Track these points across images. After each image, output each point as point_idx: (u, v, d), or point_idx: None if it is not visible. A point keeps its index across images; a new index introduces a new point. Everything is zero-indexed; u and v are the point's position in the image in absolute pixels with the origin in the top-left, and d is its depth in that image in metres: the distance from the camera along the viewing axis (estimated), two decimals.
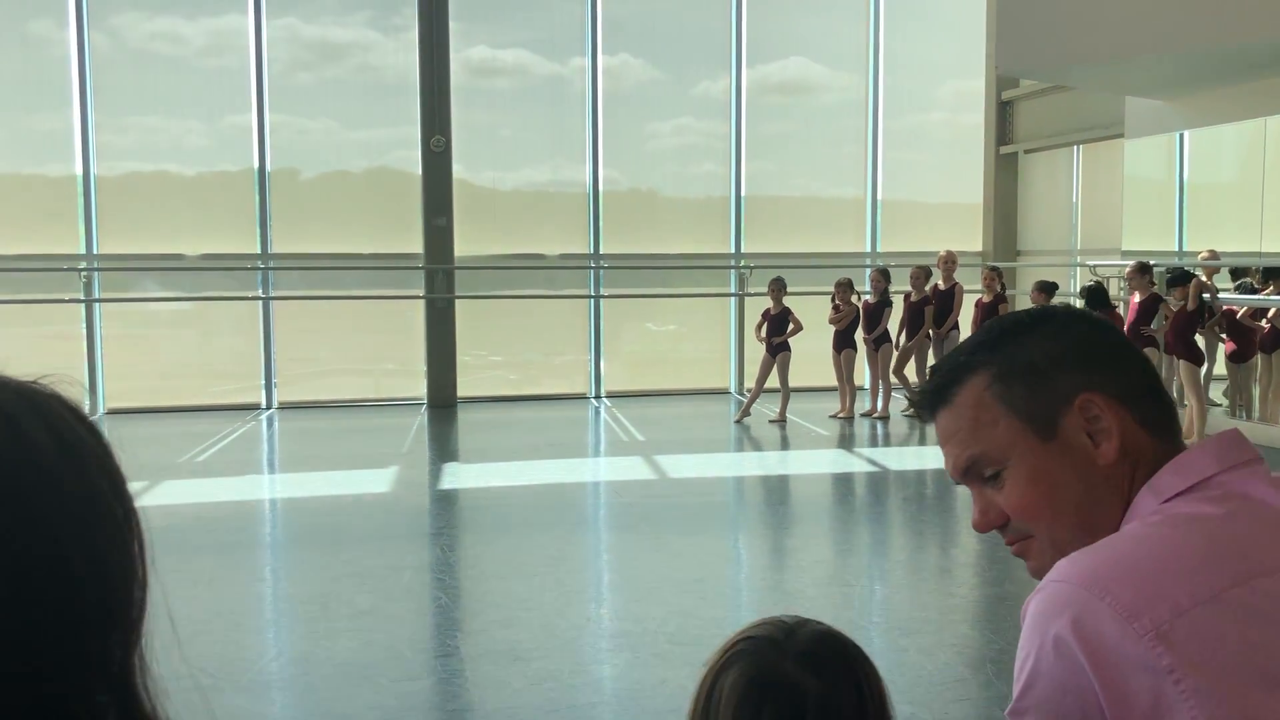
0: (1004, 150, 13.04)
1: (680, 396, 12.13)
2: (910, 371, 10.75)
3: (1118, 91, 10.57)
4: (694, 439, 9.58)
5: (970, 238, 13.17)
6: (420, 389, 11.78)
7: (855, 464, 8.62)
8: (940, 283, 10.86)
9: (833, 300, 10.68)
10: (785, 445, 9.39)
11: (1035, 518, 1.18)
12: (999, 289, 10.73)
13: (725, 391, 12.44)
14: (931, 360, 10.63)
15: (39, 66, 11.17)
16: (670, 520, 6.55)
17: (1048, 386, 1.17)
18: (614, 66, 12.22)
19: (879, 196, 12.90)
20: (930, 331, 10.72)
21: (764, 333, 10.38)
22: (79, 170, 11.07)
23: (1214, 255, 9.92)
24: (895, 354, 10.73)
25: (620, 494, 7.46)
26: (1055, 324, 1.21)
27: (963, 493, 1.98)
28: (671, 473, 8.05)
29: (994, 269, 10.98)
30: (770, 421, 10.27)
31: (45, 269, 11.02)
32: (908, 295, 10.84)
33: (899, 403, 10.81)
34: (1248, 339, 9.39)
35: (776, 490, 7.75)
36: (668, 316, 12.92)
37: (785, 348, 10.31)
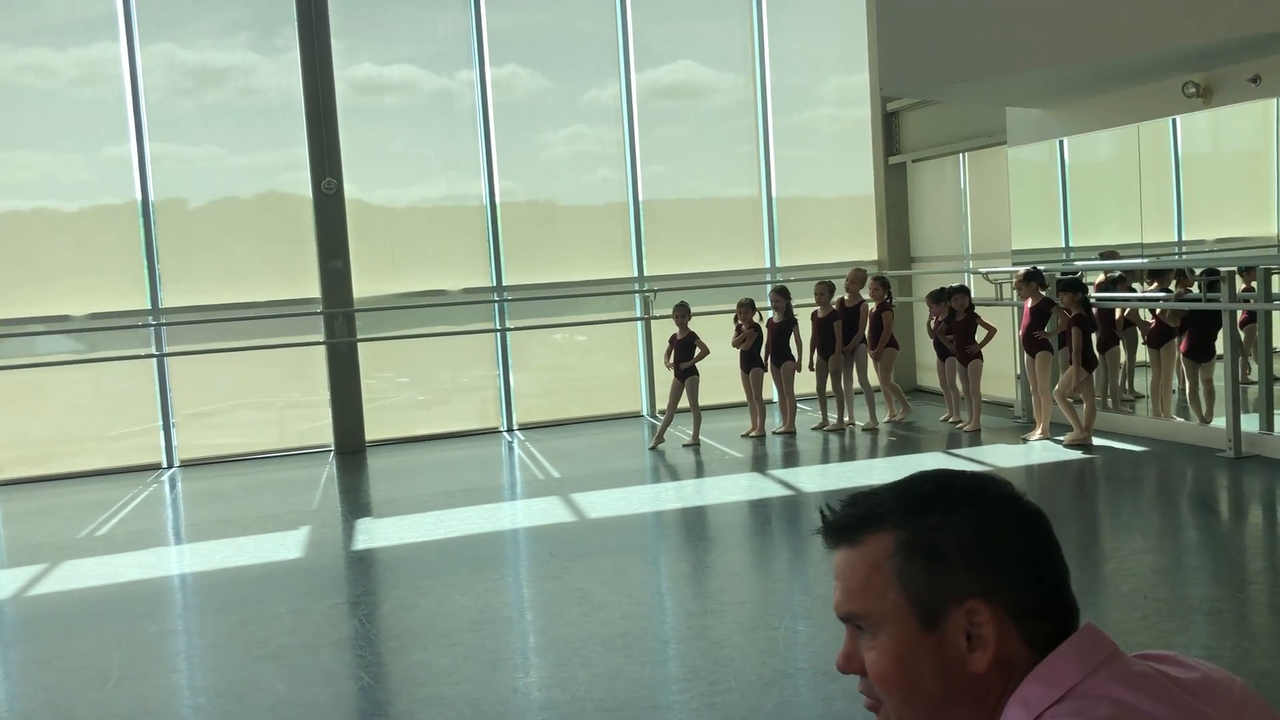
0: (892, 160, 13.32)
1: (593, 424, 12.11)
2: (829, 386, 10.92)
3: (998, 104, 10.88)
4: (610, 471, 9.56)
5: (864, 240, 13.43)
6: (327, 434, 11.55)
7: (771, 488, 8.70)
8: (845, 298, 11.01)
9: (735, 321, 10.77)
10: (701, 471, 9.43)
11: (889, 694, 1.19)
12: (885, 298, 10.98)
13: (638, 415, 12.45)
14: (840, 377, 10.82)
15: None
16: (591, 569, 6.53)
17: (945, 579, 1.17)
18: (502, 77, 12.20)
19: (774, 194, 13.07)
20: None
21: (672, 359, 10.43)
22: None
23: (1113, 254, 10.27)
24: (801, 371, 10.86)
25: (539, 540, 7.41)
26: (981, 512, 1.19)
27: None
28: (590, 512, 8.02)
29: (880, 279, 11.20)
30: (684, 445, 10.33)
31: None
32: (815, 313, 10.98)
33: (808, 420, 10.95)
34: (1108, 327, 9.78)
35: (695, 524, 7.78)
36: (574, 330, 12.93)
37: (694, 372, 10.40)
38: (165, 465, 11.16)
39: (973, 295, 10.70)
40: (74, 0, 11.25)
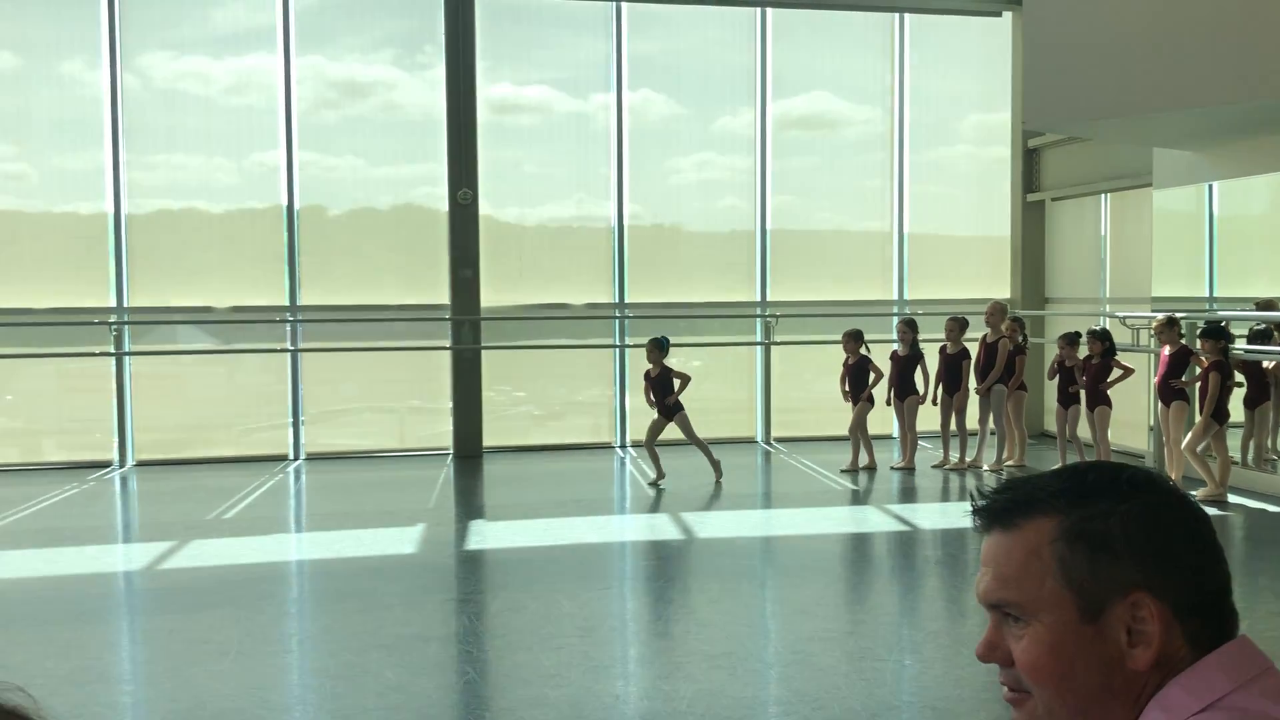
0: (1031, 198, 13.01)
1: (711, 446, 12.06)
2: (953, 425, 10.67)
3: (1145, 144, 10.54)
4: (722, 494, 9.53)
5: (998, 279, 13.13)
6: (445, 439, 11.80)
7: (886, 522, 8.55)
8: (988, 333, 10.73)
9: (846, 352, 10.55)
10: (813, 501, 9.32)
11: (1040, 685, 1.14)
12: (1020, 339, 10.69)
13: (752, 441, 12.39)
14: (978, 413, 10.57)
15: (71, 106, 11.36)
16: (698, 587, 6.51)
17: (1109, 569, 1.12)
18: (636, 102, 12.34)
19: (905, 230, 12.89)
20: (973, 386, 10.62)
21: (653, 397, 9.95)
22: (110, 208, 11.22)
23: (1271, 305, 9.76)
24: (924, 406, 10.64)
25: (647, 556, 7.41)
26: (1150, 503, 1.14)
27: None
28: (699, 532, 8.00)
29: (1016, 318, 10.92)
30: (842, 471, 10.20)
31: (77, 323, 11.14)
32: (944, 347, 10.75)
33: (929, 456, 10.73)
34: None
35: (805, 552, 7.68)
36: (692, 352, 12.93)
37: (679, 408, 9.86)
38: (292, 457, 11.53)
39: (1108, 340, 10.30)
40: (237, 13, 11.81)
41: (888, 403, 10.66)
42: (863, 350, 10.50)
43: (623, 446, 12.15)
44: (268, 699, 4.84)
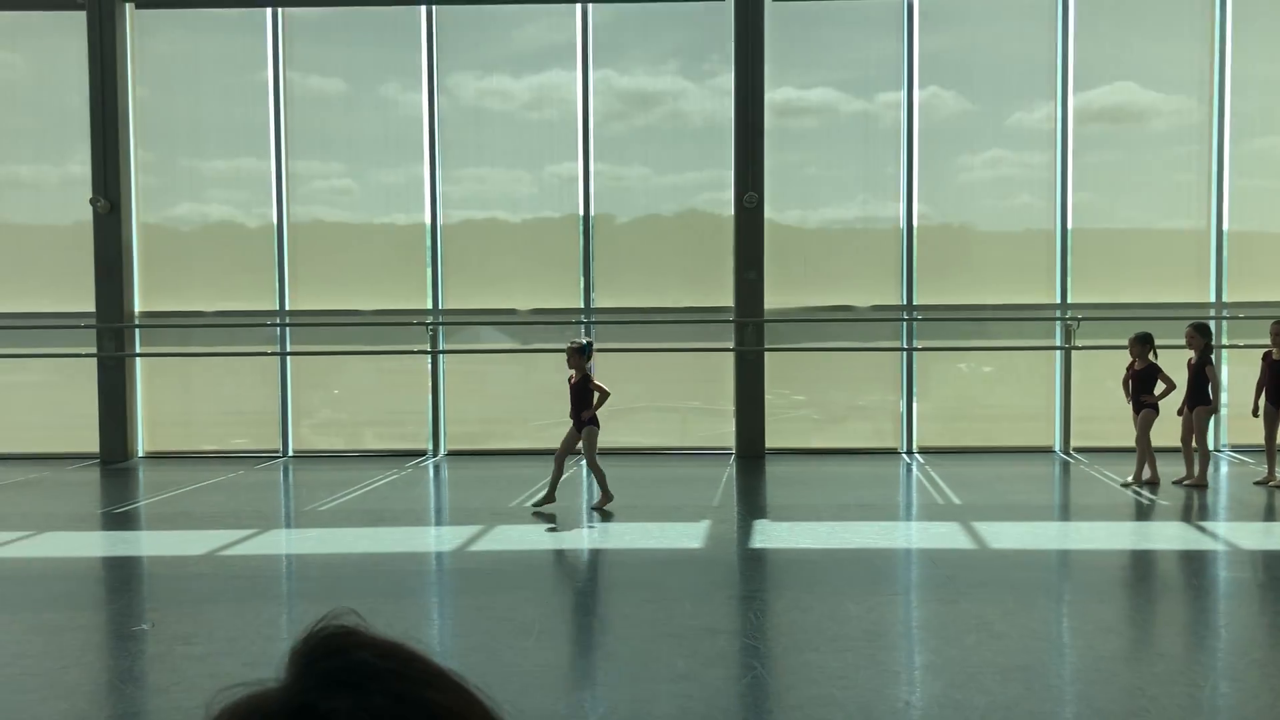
0: None
1: (997, 455, 11.63)
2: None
3: None
4: (1016, 504, 9.14)
5: None
6: (726, 439, 11.96)
7: (1201, 540, 7.93)
8: None
9: (1132, 356, 9.81)
10: (1119, 514, 8.77)
11: None
12: None
13: (1049, 450, 11.81)
14: None
15: (391, 126, 12.38)
16: (991, 598, 6.28)
17: None
18: (924, 100, 12.06)
19: (1224, 227, 11.89)
20: None
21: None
22: (426, 219, 12.15)
23: None
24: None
25: (937, 564, 7.23)
26: None
27: None
28: (992, 542, 7.72)
29: None
30: (1121, 485, 9.62)
31: (397, 323, 12.13)
32: (1268, 353, 9.82)
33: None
34: None
35: (1110, 567, 7.25)
36: (983, 357, 12.47)
37: (593, 422, 8.88)
38: None
39: None
40: (536, 32, 12.49)
41: (1179, 413, 9.83)
42: (1151, 356, 9.75)
43: (909, 452, 11.89)
44: (566, 677, 5.11)
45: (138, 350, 12.23)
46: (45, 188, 12.53)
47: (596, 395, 8.77)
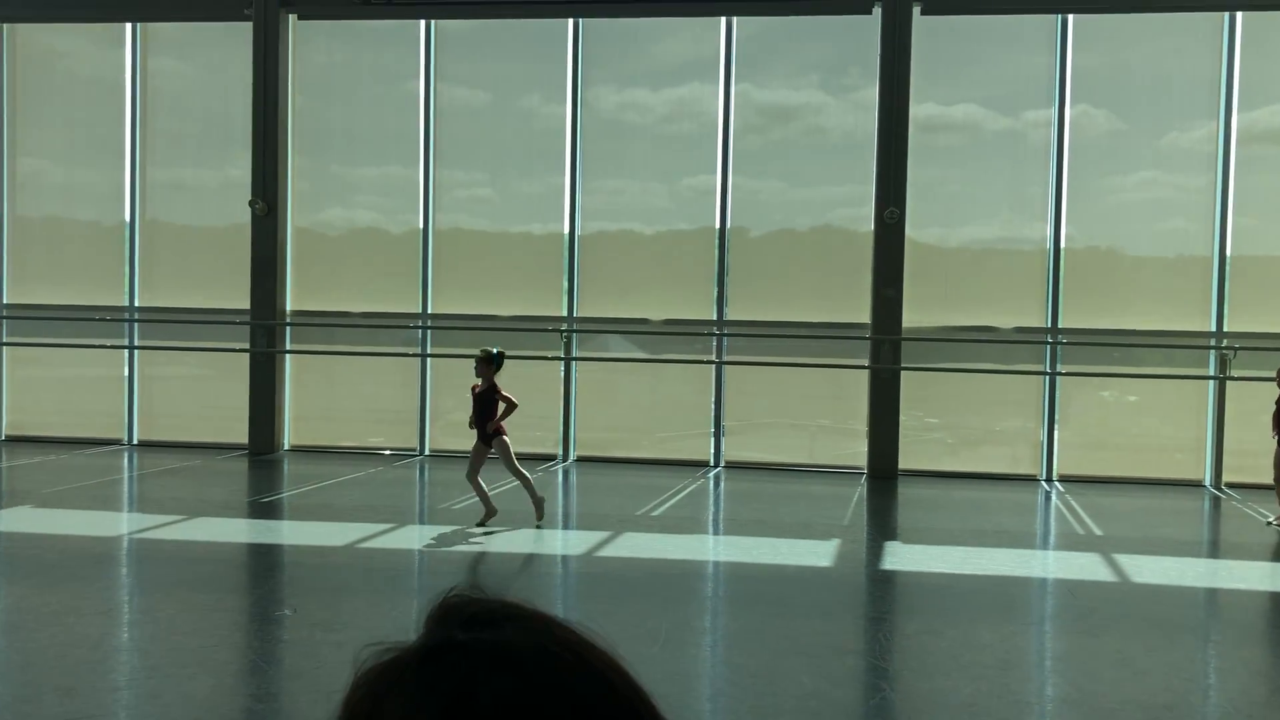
0: None
1: (1142, 486, 11.17)
2: None
3: None
4: (1161, 538, 8.76)
5: None
6: (857, 458, 11.78)
7: None
8: None
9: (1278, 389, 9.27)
10: (1268, 554, 8.32)
11: None
12: None
13: (1198, 484, 11.29)
14: None
15: (532, 137, 12.62)
16: (1134, 633, 6.03)
17: None
18: (1073, 118, 11.69)
19: None
20: None
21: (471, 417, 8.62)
22: (565, 229, 12.34)
23: None
24: None
25: (1076, 595, 6.99)
26: None
27: None
28: (1135, 576, 7.42)
29: None
30: (1268, 524, 9.15)
31: (534, 329, 12.34)
32: None
33: None
34: None
35: (1263, 609, 6.89)
36: (1127, 386, 11.99)
37: (499, 433, 8.39)
38: (712, 464, 12.04)
39: None
40: (679, 45, 12.57)
41: None
42: None
43: (1048, 480, 11.52)
44: (692, 688, 5.10)
45: (288, 347, 12.74)
46: (205, 191, 13.17)
47: (503, 406, 8.41)
